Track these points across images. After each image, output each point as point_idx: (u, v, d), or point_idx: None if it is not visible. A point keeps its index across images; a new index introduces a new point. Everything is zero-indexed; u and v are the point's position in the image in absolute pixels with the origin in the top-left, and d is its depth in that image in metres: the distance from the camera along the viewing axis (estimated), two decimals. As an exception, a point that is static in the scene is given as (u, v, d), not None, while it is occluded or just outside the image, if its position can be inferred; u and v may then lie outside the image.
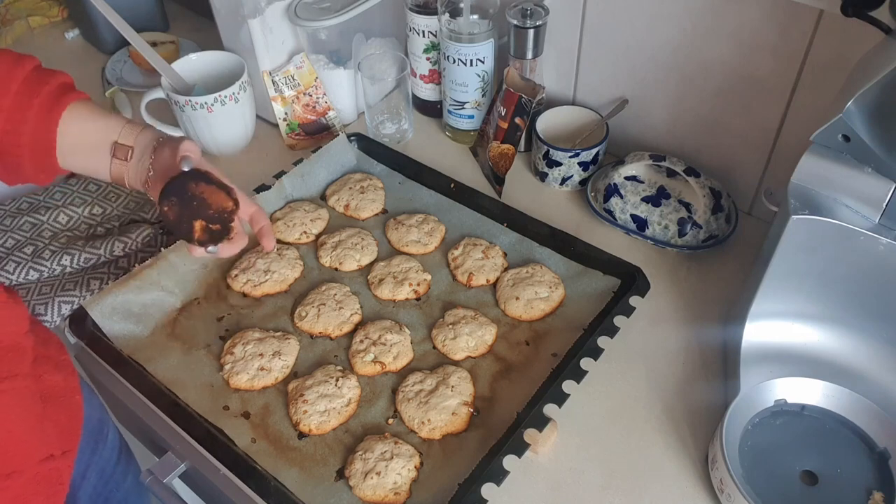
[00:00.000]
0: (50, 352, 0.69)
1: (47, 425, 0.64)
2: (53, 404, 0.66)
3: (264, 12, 0.96)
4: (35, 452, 0.62)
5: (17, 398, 0.61)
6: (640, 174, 0.90)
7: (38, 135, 0.67)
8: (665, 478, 0.67)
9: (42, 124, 0.67)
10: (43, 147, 0.67)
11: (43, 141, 0.67)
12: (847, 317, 0.70)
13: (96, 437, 0.76)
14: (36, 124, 0.66)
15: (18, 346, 0.63)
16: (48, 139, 0.67)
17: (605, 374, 0.74)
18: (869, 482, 0.62)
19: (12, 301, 0.65)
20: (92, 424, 0.75)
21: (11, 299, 0.65)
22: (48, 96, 0.67)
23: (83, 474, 0.74)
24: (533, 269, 0.83)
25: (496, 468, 0.63)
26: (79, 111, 0.68)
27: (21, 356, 0.63)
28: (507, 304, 0.80)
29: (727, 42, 0.81)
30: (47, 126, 0.67)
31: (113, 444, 0.80)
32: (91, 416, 0.75)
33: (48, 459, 0.63)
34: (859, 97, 0.57)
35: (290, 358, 0.77)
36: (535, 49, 0.92)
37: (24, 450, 0.61)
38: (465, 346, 0.76)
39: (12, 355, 0.62)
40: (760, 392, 0.66)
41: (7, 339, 0.62)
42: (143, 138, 0.70)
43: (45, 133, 0.67)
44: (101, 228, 0.91)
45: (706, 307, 0.81)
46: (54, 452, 0.64)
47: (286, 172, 0.94)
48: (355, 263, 0.86)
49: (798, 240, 0.65)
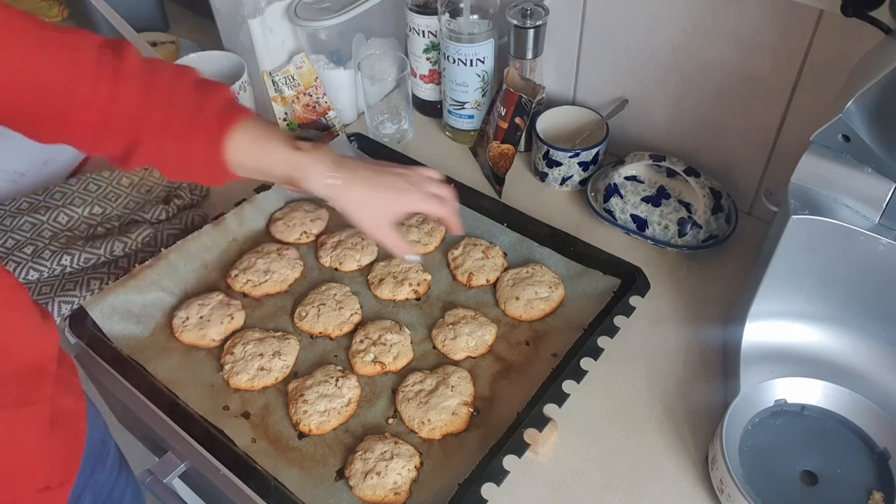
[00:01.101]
0: (63, 372, 0.65)
1: (51, 453, 0.62)
2: (59, 430, 0.63)
3: (264, 12, 0.96)
4: (35, 481, 0.60)
5: (31, 424, 0.59)
6: (640, 174, 0.90)
7: (208, 159, 0.68)
8: (665, 478, 0.67)
9: (210, 152, 0.67)
10: (215, 172, 0.69)
11: (213, 166, 0.68)
12: (847, 317, 0.70)
13: (95, 460, 0.73)
14: (204, 150, 0.67)
15: (44, 369, 0.61)
16: (219, 167, 0.68)
17: (605, 374, 0.74)
18: (869, 482, 0.62)
19: (46, 325, 0.62)
20: (93, 447, 0.73)
21: (46, 324, 0.62)
22: (211, 121, 0.66)
23: (78, 496, 0.70)
24: (533, 269, 0.83)
25: (496, 468, 0.63)
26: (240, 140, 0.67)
27: (44, 381, 0.61)
28: (507, 304, 0.80)
29: (727, 42, 0.81)
30: (215, 154, 0.67)
31: (112, 464, 0.77)
32: (93, 437, 0.72)
33: (45, 490, 0.61)
34: (859, 97, 0.57)
35: (290, 358, 0.77)
36: (535, 49, 0.92)
37: (27, 478, 0.59)
38: (465, 346, 0.76)
39: (37, 380, 0.60)
40: (760, 392, 0.66)
41: (34, 363, 0.60)
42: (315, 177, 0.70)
43: (215, 161, 0.68)
44: (101, 228, 0.91)
45: (706, 307, 0.81)
46: (52, 484, 0.61)
47: (286, 172, 0.94)
48: (355, 263, 0.86)
49: (798, 240, 0.65)
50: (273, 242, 0.89)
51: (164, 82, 0.65)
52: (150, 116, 0.64)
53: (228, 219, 0.88)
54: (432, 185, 0.75)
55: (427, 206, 0.73)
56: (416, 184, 0.73)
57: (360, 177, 0.71)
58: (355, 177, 0.71)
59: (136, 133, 0.64)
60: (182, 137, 0.66)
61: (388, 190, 0.72)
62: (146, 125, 0.64)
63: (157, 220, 0.92)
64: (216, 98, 0.67)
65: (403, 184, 0.72)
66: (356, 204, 0.71)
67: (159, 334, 0.80)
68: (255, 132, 0.68)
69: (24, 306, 0.60)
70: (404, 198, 0.72)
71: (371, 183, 0.71)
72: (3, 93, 0.57)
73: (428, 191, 0.74)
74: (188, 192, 0.96)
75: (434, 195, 0.74)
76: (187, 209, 0.95)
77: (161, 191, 0.96)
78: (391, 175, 0.73)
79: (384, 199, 0.72)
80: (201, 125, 0.66)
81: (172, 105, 0.65)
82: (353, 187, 0.70)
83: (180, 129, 0.65)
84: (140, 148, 0.65)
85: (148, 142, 0.65)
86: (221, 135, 0.66)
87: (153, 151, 0.66)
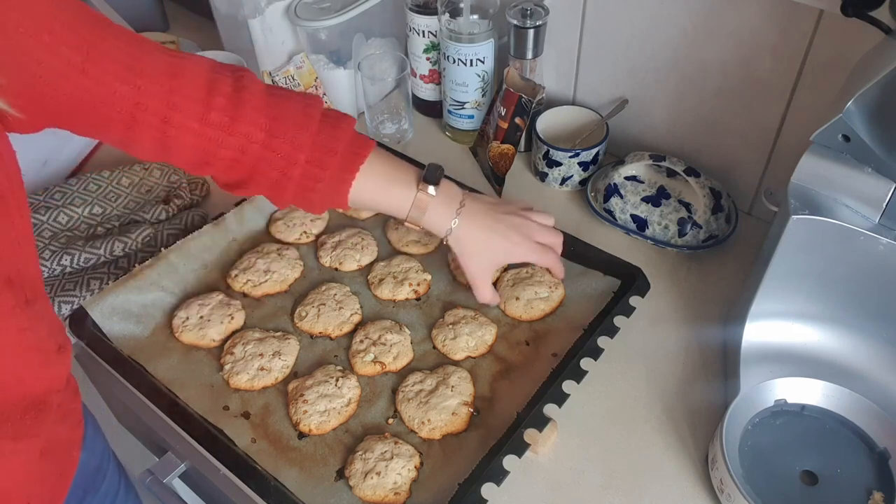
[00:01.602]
0: (64, 399, 0.62)
1: (36, 483, 0.58)
2: (49, 461, 0.59)
3: (264, 12, 0.96)
4: None
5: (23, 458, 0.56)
6: (640, 174, 0.90)
7: (328, 200, 0.70)
8: (665, 478, 0.67)
9: (333, 194, 0.69)
10: (332, 206, 0.71)
11: (333, 204, 0.70)
12: (847, 317, 0.70)
13: (86, 488, 0.71)
14: (325, 193, 0.69)
15: (47, 403, 0.58)
16: (338, 205, 0.71)
17: (605, 374, 0.74)
18: (869, 482, 0.62)
19: (61, 359, 0.59)
20: (86, 473, 0.70)
21: (61, 358, 0.59)
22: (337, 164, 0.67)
23: None
24: (533, 269, 0.83)
25: (496, 468, 0.63)
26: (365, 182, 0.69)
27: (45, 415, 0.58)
28: (507, 304, 0.80)
29: (727, 42, 0.81)
30: (338, 196, 0.69)
31: (108, 489, 0.75)
32: (88, 464, 0.70)
33: None
34: (859, 97, 0.57)
35: (290, 358, 0.77)
36: (535, 49, 0.92)
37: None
38: (465, 346, 0.76)
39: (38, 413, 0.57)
40: (760, 392, 0.66)
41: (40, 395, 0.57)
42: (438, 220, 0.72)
43: (336, 201, 0.70)
44: (101, 228, 0.91)
45: (706, 307, 0.81)
46: None
47: (286, 172, 0.94)
48: (355, 263, 0.86)
49: (798, 240, 0.65)
50: (273, 242, 0.89)
51: (292, 118, 0.65)
52: (275, 152, 0.65)
53: (228, 219, 0.88)
54: (544, 234, 0.77)
55: (536, 257, 0.76)
56: (530, 234, 0.75)
57: (478, 223, 0.73)
58: (472, 222, 0.73)
59: (255, 166, 0.65)
60: (306, 176, 0.67)
61: (502, 240, 0.74)
62: (269, 160, 0.65)
63: (157, 220, 0.92)
64: (345, 135, 0.67)
65: (517, 237, 0.75)
66: (468, 250, 0.74)
67: (159, 334, 0.80)
68: (383, 169, 0.70)
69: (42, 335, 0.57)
70: (515, 250, 0.75)
71: (487, 231, 0.74)
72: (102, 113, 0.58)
73: (539, 241, 0.76)
74: (188, 192, 0.96)
75: (544, 247, 0.76)
76: (187, 209, 0.95)
77: (161, 191, 0.96)
78: (507, 224, 0.75)
79: (497, 250, 0.75)
80: (330, 166, 0.67)
81: (300, 144, 0.65)
82: (470, 231, 0.73)
83: (306, 167, 0.66)
84: (257, 179, 0.66)
85: (269, 174, 0.66)
86: (349, 176, 0.68)
87: (269, 185, 0.67)
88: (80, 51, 0.54)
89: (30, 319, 0.54)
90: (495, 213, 0.75)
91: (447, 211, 0.72)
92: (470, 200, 0.74)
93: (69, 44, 0.53)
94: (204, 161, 0.65)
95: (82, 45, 0.54)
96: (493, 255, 0.75)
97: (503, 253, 0.75)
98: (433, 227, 0.73)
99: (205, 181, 0.98)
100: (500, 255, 0.76)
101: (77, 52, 0.54)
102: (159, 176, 0.97)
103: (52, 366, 0.58)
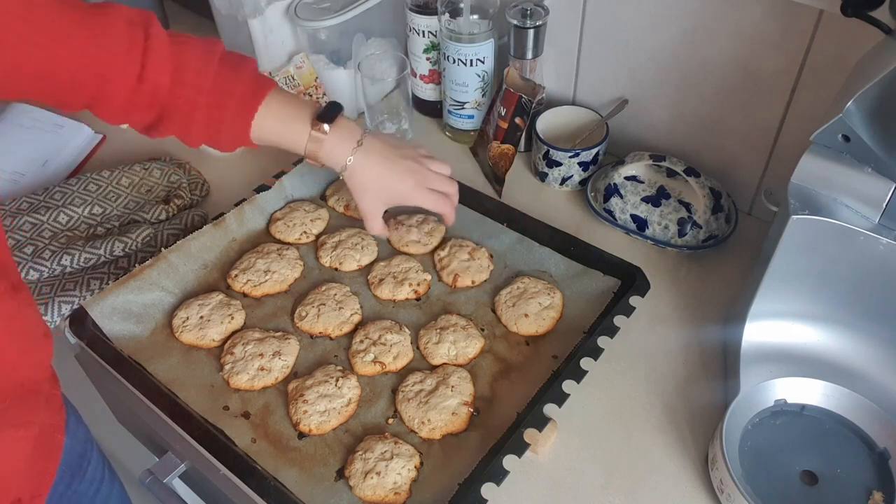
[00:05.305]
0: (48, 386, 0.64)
1: (27, 468, 0.60)
2: (39, 444, 0.62)
3: (264, 12, 0.97)
4: (7, 496, 0.59)
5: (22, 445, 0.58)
6: (640, 174, 0.90)
7: (233, 137, 0.73)
8: (665, 478, 0.67)
9: (236, 130, 0.72)
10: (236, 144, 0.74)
11: (237, 141, 0.73)
12: (847, 317, 0.70)
13: (73, 472, 0.72)
14: (230, 128, 0.72)
15: (39, 390, 0.60)
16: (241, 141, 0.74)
17: (606, 374, 0.74)
18: (869, 482, 0.62)
19: (47, 345, 0.62)
20: (71, 459, 0.72)
21: (47, 344, 0.62)
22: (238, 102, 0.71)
23: None
24: (522, 283, 0.81)
25: (496, 468, 0.63)
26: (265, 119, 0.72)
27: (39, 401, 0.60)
28: (518, 325, 0.78)
29: (727, 42, 0.81)
30: (241, 132, 0.73)
31: (94, 476, 0.76)
32: (72, 450, 0.71)
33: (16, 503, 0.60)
34: (859, 97, 0.57)
35: (290, 358, 0.77)
36: (535, 49, 0.92)
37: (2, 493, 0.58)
38: (444, 352, 0.76)
39: (32, 400, 0.59)
40: (760, 392, 0.66)
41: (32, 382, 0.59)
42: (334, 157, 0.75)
43: (239, 138, 0.73)
44: (101, 228, 0.91)
45: (706, 307, 0.81)
46: (23, 497, 0.60)
47: (286, 172, 0.94)
48: (355, 263, 0.86)
49: (798, 240, 0.65)
50: (273, 242, 0.89)
51: (193, 64, 0.68)
52: (178, 97, 0.68)
53: (228, 219, 0.88)
54: (440, 182, 0.79)
55: (431, 204, 0.78)
56: (426, 181, 0.77)
57: (374, 161, 0.75)
58: (368, 159, 0.75)
59: (163, 110, 0.69)
60: (209, 118, 0.70)
61: (398, 182, 0.77)
62: (173, 105, 0.68)
63: (157, 220, 0.92)
64: (243, 77, 0.71)
65: (412, 181, 0.77)
66: (363, 185, 0.76)
67: (159, 334, 0.80)
68: (280, 109, 0.73)
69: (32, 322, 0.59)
70: (410, 194, 0.77)
71: (383, 170, 0.76)
72: (37, 74, 0.60)
73: (434, 188, 0.78)
74: (188, 192, 0.96)
75: (438, 194, 0.78)
76: (187, 209, 0.95)
77: (161, 191, 0.96)
78: (403, 167, 0.77)
79: (391, 190, 0.77)
80: (229, 107, 0.70)
81: (200, 88, 0.69)
82: (365, 168, 0.75)
83: (207, 109, 0.70)
84: (165, 123, 0.70)
85: (175, 118, 0.69)
86: (248, 116, 0.71)
87: (178, 127, 0.71)
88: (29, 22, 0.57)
89: (18, 306, 0.56)
90: (393, 154, 0.77)
91: (344, 147, 0.74)
92: (369, 139, 0.76)
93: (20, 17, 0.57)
94: (126, 111, 0.69)
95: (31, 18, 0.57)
96: (386, 194, 0.78)
97: (398, 194, 0.78)
98: (330, 162, 0.75)
99: (205, 181, 0.98)
100: (394, 195, 0.78)
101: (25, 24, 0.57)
102: (159, 176, 0.97)
103: (42, 352, 0.61)
